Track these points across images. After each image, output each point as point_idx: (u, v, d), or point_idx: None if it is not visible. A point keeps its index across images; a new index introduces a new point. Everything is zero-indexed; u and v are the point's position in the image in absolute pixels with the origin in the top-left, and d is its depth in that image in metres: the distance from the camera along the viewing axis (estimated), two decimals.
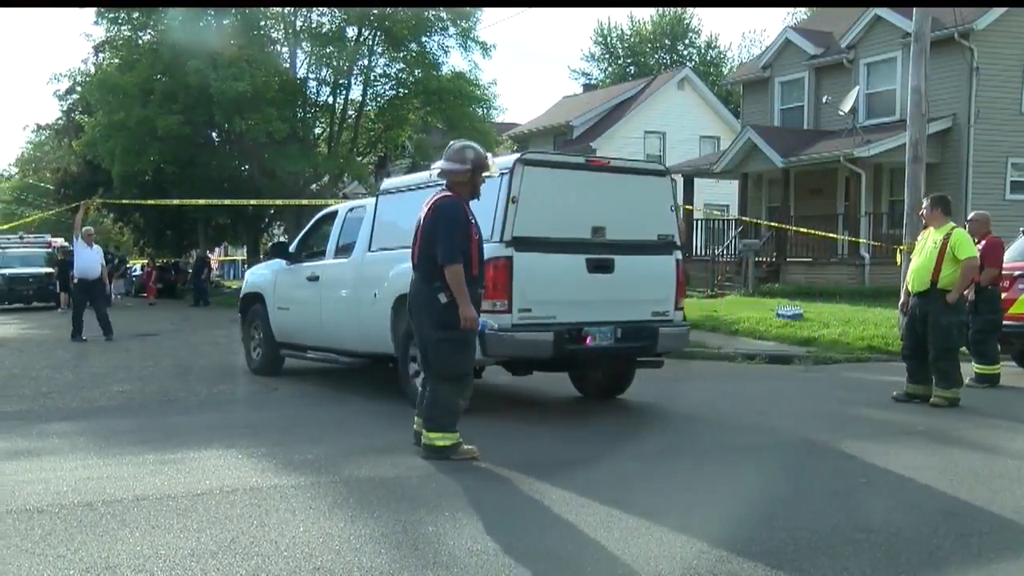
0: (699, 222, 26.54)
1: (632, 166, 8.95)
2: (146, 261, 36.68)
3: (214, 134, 31.83)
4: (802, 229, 21.59)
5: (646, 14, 69.88)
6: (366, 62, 30.18)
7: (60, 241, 30.86)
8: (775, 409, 8.69)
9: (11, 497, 5.22)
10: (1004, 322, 10.21)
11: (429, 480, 5.61)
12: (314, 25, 29.70)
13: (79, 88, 33.41)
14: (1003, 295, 10.32)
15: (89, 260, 16.11)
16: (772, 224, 23.50)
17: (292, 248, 11.02)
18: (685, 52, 61.42)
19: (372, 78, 30.70)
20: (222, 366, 11.96)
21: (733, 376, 11.35)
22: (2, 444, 6.86)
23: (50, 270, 27.23)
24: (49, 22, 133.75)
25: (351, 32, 29.72)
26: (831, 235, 21.26)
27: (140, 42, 29.29)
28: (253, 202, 23.66)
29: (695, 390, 10.18)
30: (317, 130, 32.34)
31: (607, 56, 63.04)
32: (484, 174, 6.23)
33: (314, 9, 29.41)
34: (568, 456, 6.35)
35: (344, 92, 30.91)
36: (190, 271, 34.13)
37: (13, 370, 11.61)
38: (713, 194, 31.15)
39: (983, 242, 9.92)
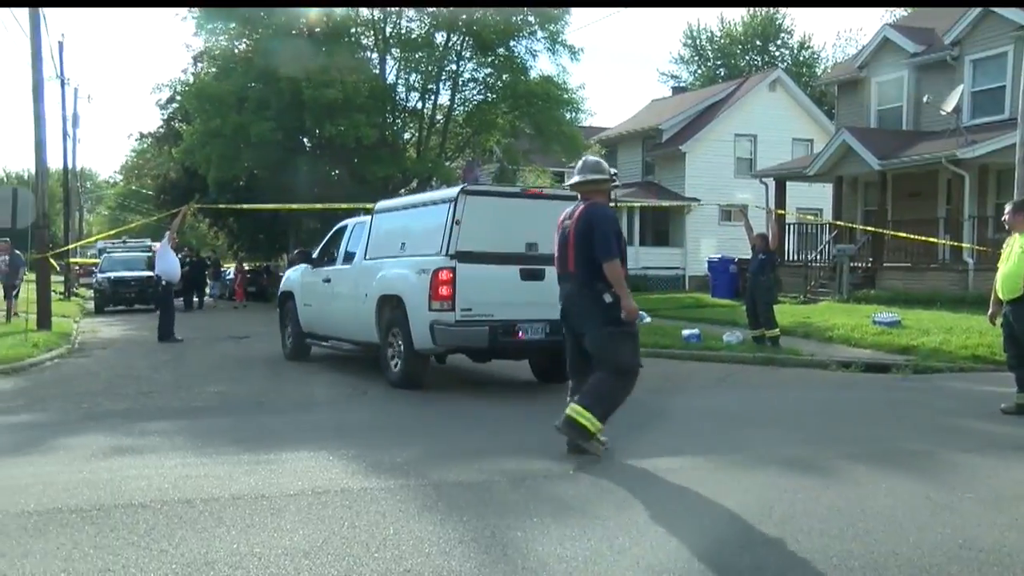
0: (792, 226, 25.99)
1: (564, 193, 10.45)
2: (235, 265, 37.60)
3: (305, 140, 32.51)
4: (900, 234, 20.91)
5: (737, 15, 68.85)
6: (454, 67, 30.46)
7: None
8: (872, 419, 8.44)
9: (118, 492, 5.45)
10: None
11: (517, 485, 5.63)
12: (403, 31, 30.10)
13: (178, 97, 34.59)
14: None
15: (174, 264, 16.68)
16: (868, 228, 22.85)
17: (315, 255, 13.35)
18: (777, 53, 60.31)
19: (460, 83, 30.96)
20: (312, 369, 12.23)
21: (827, 384, 11.07)
22: (109, 441, 7.16)
23: (150, 273, 28.22)
24: (155, 35, 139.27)
25: (440, 37, 30.03)
26: (931, 240, 20.55)
27: (236, 51, 30.16)
28: (344, 206, 24.05)
29: (786, 398, 9.96)
30: (406, 135, 32.76)
31: (697, 58, 62.37)
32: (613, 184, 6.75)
33: (403, 15, 29.82)
34: (660, 464, 6.27)
35: (432, 97, 31.26)
36: (282, 275, 34.91)
37: (117, 370, 12.11)
38: (806, 198, 30.45)
39: None
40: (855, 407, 9.28)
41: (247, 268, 36.05)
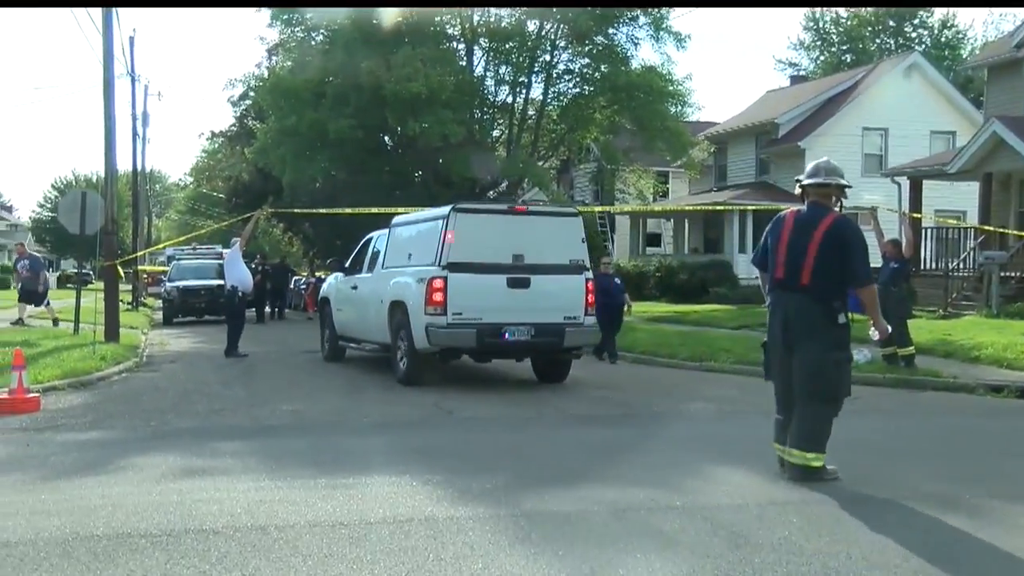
0: (929, 231, 25.22)
1: (548, 210, 13.97)
2: (305, 274, 38.38)
3: (386, 138, 33.06)
4: None
5: None
6: (548, 58, 30.58)
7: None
8: None
9: (188, 516, 5.63)
10: None
11: (618, 516, 5.61)
12: (492, 19, 30.36)
13: (252, 93, 35.60)
14: None
15: (246, 272, 17.07)
16: (1023, 233, 22.00)
17: (347, 264, 15.83)
18: (914, 34, 58.78)
19: (554, 75, 31.06)
20: (394, 386, 12.39)
21: (972, 411, 10.69)
22: (178, 461, 7.41)
23: (221, 282, 28.97)
24: (228, 28, 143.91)
25: (532, 26, 30.18)
26: None
27: (313, 44, 30.87)
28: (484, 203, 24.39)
29: (924, 426, 9.66)
30: (495, 132, 33.00)
31: (819, 43, 61.23)
32: None
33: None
34: (778, 496, 6.17)
35: (524, 91, 31.43)
36: None
37: (187, 385, 12.51)
38: (946, 198, 29.55)
39: None
40: (1008, 438, 8.94)
41: (320, 276, 36.75)
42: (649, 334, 16.83)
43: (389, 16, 28.53)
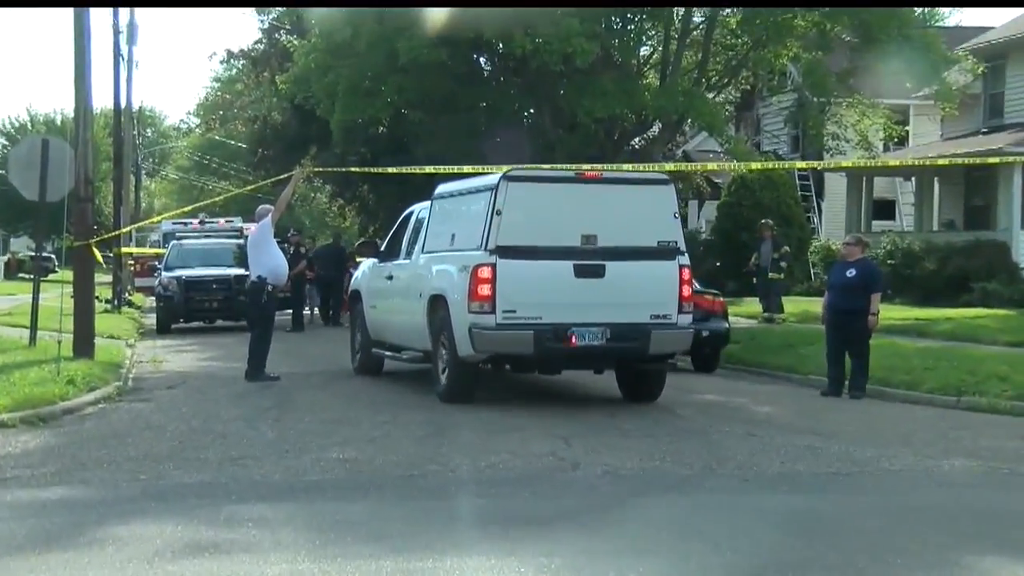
0: None
1: (630, 177, 15.32)
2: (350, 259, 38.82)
3: (483, 60, 33.11)
4: None
5: None
6: None
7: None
8: None
9: None
10: None
11: None
12: None
13: None
14: None
15: (280, 258, 17.27)
16: None
17: (383, 247, 17.07)
18: None
19: None
20: (489, 425, 12.40)
21: None
22: (180, 532, 7.54)
23: (243, 272, 29.27)
24: None
25: None
26: None
27: None
28: (545, 168, 24.37)
29: None
30: (643, 51, 32.75)
31: None
32: None
33: None
34: None
35: None
36: None
37: (192, 421, 12.73)
38: None
39: None
40: None
41: None
42: (877, 352, 16.45)
43: None
